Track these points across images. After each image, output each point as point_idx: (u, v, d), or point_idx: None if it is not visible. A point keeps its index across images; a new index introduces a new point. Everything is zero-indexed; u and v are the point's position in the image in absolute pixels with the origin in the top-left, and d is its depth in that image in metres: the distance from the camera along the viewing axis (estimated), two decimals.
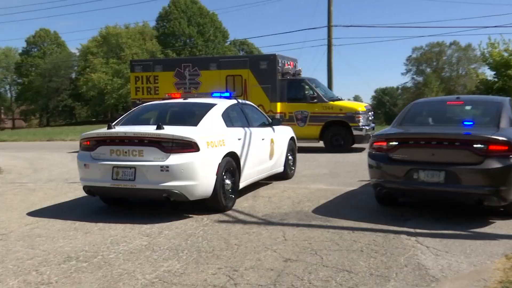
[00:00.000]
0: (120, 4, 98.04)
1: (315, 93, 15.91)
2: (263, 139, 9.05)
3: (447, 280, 4.56)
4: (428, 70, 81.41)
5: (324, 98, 15.96)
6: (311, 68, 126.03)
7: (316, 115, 15.75)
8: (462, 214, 6.96)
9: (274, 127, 9.81)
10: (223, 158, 7.36)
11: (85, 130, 33.51)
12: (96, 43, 58.06)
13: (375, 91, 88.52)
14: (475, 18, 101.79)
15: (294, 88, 16.30)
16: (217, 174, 7.17)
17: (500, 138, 6.39)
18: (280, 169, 9.99)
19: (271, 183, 9.75)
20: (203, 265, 5.05)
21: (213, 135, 7.34)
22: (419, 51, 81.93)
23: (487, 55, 28.82)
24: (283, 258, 5.19)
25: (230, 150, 7.62)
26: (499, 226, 6.33)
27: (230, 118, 8.29)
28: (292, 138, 10.66)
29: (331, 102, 15.97)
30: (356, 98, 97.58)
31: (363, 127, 15.56)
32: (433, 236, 5.89)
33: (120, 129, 7.38)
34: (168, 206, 7.65)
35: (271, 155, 9.37)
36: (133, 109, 9.03)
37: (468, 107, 8.58)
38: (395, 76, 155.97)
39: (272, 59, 16.15)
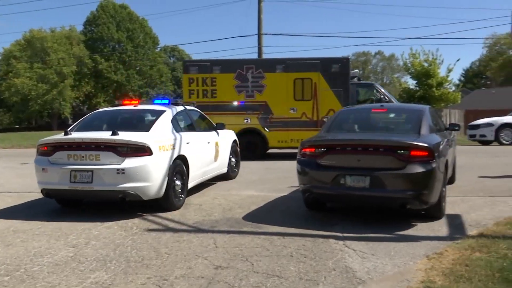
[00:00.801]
0: (45, 7, 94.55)
1: (387, 98, 15.85)
2: (208, 143, 9.76)
3: (373, 282, 4.71)
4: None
5: (395, 102, 15.90)
6: None
7: None
8: (386, 218, 7.21)
9: (218, 131, 10.47)
10: (173, 161, 7.89)
11: (7, 137, 32.03)
12: (19, 47, 55.53)
13: None
14: (398, 29, 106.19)
15: (364, 93, 16.15)
16: (168, 176, 7.69)
17: (421, 144, 6.68)
18: (224, 170, 10.70)
19: (210, 184, 9.77)
20: (132, 275, 4.95)
21: (164, 140, 7.85)
22: None
23: (409, 65, 30.17)
24: (213, 266, 5.18)
25: (180, 153, 8.16)
26: (421, 228, 6.61)
27: (179, 123, 8.89)
28: (234, 141, 11.48)
29: None
30: None
31: None
32: (359, 239, 6.07)
33: (77, 135, 7.76)
34: (99, 213, 7.46)
35: (216, 157, 10.07)
36: (85, 115, 9.32)
37: (391, 115, 8.92)
38: None
39: (345, 62, 15.71)
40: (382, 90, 16.20)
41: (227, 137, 11.11)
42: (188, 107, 9.92)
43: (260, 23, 29.51)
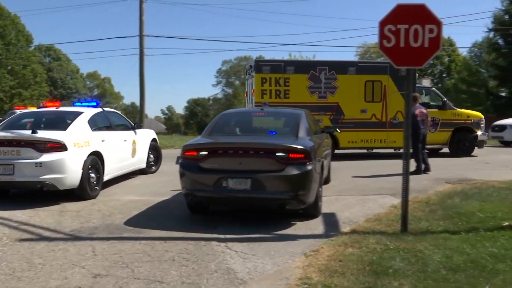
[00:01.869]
0: None
1: (446, 101, 16.67)
2: (125, 141, 10.89)
3: (254, 282, 4.81)
4: (237, 82, 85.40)
5: (452, 106, 16.70)
6: (123, 77, 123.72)
7: (446, 121, 16.29)
8: (267, 218, 7.41)
9: (136, 130, 11.72)
10: (88, 156, 8.99)
11: None
12: None
13: (188, 102, 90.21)
14: (278, 35, 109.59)
15: (425, 95, 16.69)
16: (83, 169, 8.78)
17: (299, 146, 6.96)
18: (143, 165, 12.03)
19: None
20: None
21: (79, 138, 8.96)
22: (228, 64, 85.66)
23: None
24: (92, 274, 4.99)
25: (95, 150, 9.27)
26: (299, 227, 6.88)
27: (96, 123, 9.94)
28: (154, 140, 12.70)
29: (459, 110, 16.96)
30: (170, 109, 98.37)
31: (485, 133, 16.74)
32: (241, 240, 6.18)
33: (0, 134, 8.82)
34: None
35: (133, 154, 11.28)
36: (10, 116, 10.46)
37: (271, 118, 9.19)
38: (207, 87, 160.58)
39: None
40: (439, 93, 17.32)
41: (146, 135, 12.37)
42: (106, 109, 11.15)
43: (142, 25, 28.96)
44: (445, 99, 17.03)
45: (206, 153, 7.09)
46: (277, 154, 6.82)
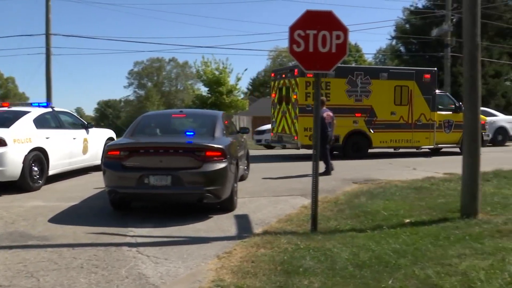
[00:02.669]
0: None
1: (459, 104, 17.68)
2: (74, 138, 11.61)
3: (166, 286, 4.76)
4: (150, 84, 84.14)
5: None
6: (28, 77, 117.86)
7: (459, 123, 17.36)
8: (181, 221, 7.33)
9: (89, 129, 12.46)
10: (30, 151, 9.72)
11: None
12: None
13: (98, 103, 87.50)
14: (191, 37, 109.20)
15: (441, 99, 18.19)
16: (23, 163, 9.52)
17: (215, 145, 7.47)
18: (97, 162, 12.46)
19: None
20: None
21: (21, 134, 9.69)
22: (140, 65, 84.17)
23: (201, 72, 31.19)
24: None
25: (37, 146, 9.98)
26: (212, 229, 6.88)
27: (42, 122, 10.65)
28: (110, 138, 13.36)
29: None
30: (79, 111, 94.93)
31: (488, 133, 18.84)
32: (153, 245, 6.10)
33: None
34: None
35: (84, 151, 12.00)
36: None
37: (189, 120, 9.68)
38: (118, 89, 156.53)
39: (433, 72, 17.67)
40: (453, 98, 18.75)
41: (100, 134, 13.15)
42: (57, 109, 11.87)
43: (48, 23, 27.74)
44: (458, 103, 18.27)
45: (128, 152, 7.44)
46: (195, 152, 7.30)
